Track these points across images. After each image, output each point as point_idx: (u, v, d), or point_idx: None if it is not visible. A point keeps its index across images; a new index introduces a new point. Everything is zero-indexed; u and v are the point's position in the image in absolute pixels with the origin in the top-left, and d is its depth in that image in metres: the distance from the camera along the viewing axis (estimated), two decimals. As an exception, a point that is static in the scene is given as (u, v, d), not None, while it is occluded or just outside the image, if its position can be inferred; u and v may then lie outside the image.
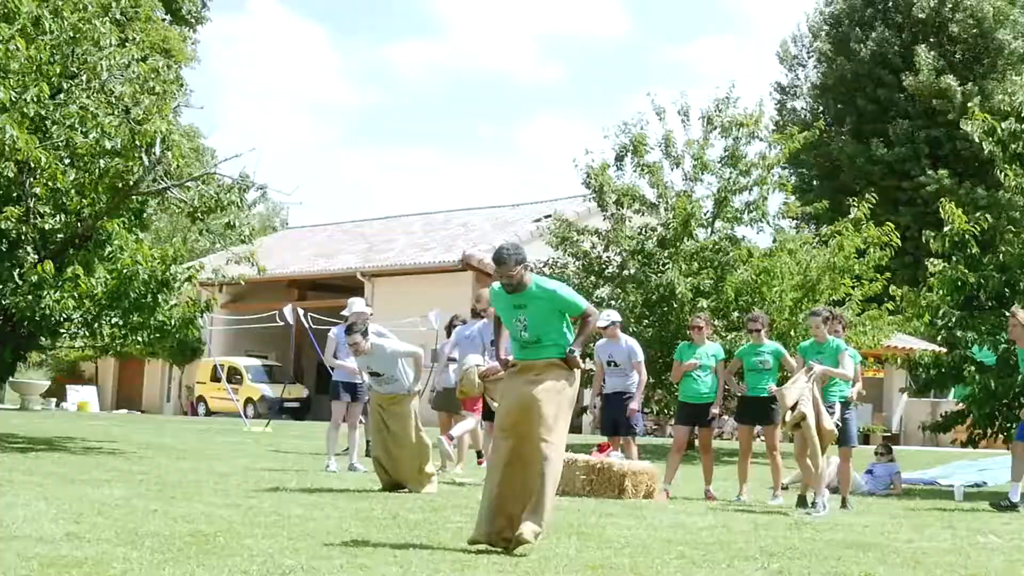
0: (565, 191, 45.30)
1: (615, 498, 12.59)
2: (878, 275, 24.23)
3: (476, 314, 15.54)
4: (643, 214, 25.00)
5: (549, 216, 28.43)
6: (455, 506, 10.97)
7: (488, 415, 14.37)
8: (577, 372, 8.51)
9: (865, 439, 32.09)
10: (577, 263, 25.13)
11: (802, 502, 12.64)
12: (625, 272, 24.27)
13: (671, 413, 22.76)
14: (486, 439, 15.11)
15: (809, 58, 52.92)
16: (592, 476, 12.94)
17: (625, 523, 10.11)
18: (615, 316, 14.87)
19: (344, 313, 16.61)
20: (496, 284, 8.59)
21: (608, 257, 24.92)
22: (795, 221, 37.15)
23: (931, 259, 18.81)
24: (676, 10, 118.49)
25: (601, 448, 13.74)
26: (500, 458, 8.35)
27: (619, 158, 24.77)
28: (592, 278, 24.84)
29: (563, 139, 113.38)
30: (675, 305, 22.55)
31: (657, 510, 11.59)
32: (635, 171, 24.78)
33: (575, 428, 34.34)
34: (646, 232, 24.46)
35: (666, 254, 23.68)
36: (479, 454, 16.29)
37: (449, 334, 16.31)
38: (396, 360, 12.54)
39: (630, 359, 14.37)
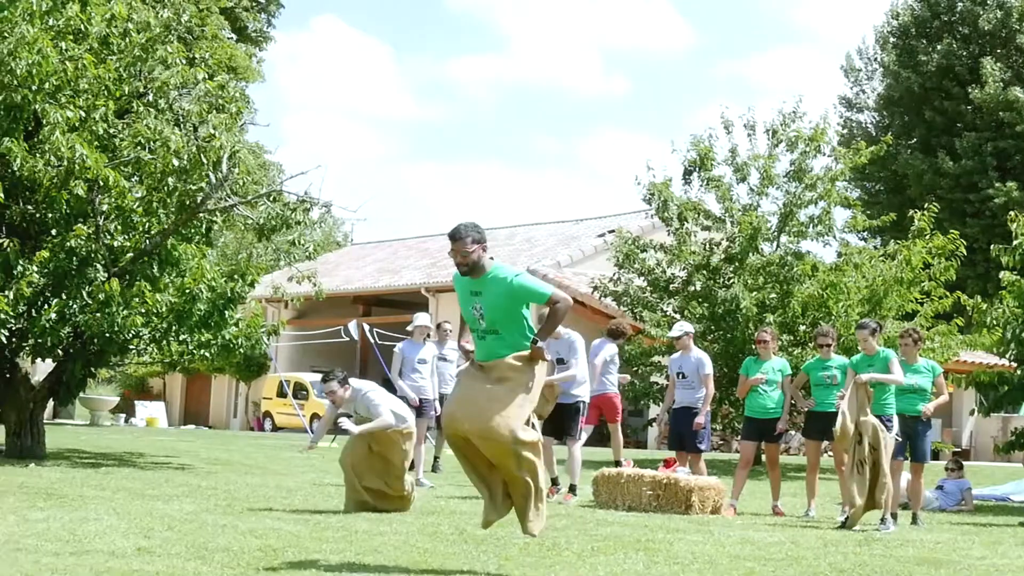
0: (629, 205, 45.20)
1: (682, 514, 12.51)
2: (947, 292, 23.77)
3: None
4: (709, 230, 24.87)
5: (612, 231, 28.36)
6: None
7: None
8: (541, 366, 7.97)
9: (935, 455, 31.75)
10: (642, 279, 25.06)
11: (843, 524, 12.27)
12: (690, 287, 24.17)
13: (737, 428, 22.58)
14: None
15: (875, 71, 52.51)
16: (659, 491, 12.87)
17: (692, 539, 10.05)
18: (687, 327, 14.76)
19: (409, 328, 16.67)
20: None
21: (673, 273, 24.81)
22: (862, 234, 36.83)
23: (1003, 271, 18.55)
24: (739, 23, 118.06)
25: (668, 463, 13.66)
26: (460, 453, 8.04)
27: (688, 172, 24.64)
28: (657, 293, 24.77)
29: (626, 153, 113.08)
30: (740, 320, 22.44)
31: (724, 526, 11.53)
32: (702, 185, 24.67)
33: (640, 443, 34.24)
34: (710, 247, 24.36)
35: (731, 269, 23.57)
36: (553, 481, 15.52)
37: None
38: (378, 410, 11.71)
39: (698, 372, 14.26)
